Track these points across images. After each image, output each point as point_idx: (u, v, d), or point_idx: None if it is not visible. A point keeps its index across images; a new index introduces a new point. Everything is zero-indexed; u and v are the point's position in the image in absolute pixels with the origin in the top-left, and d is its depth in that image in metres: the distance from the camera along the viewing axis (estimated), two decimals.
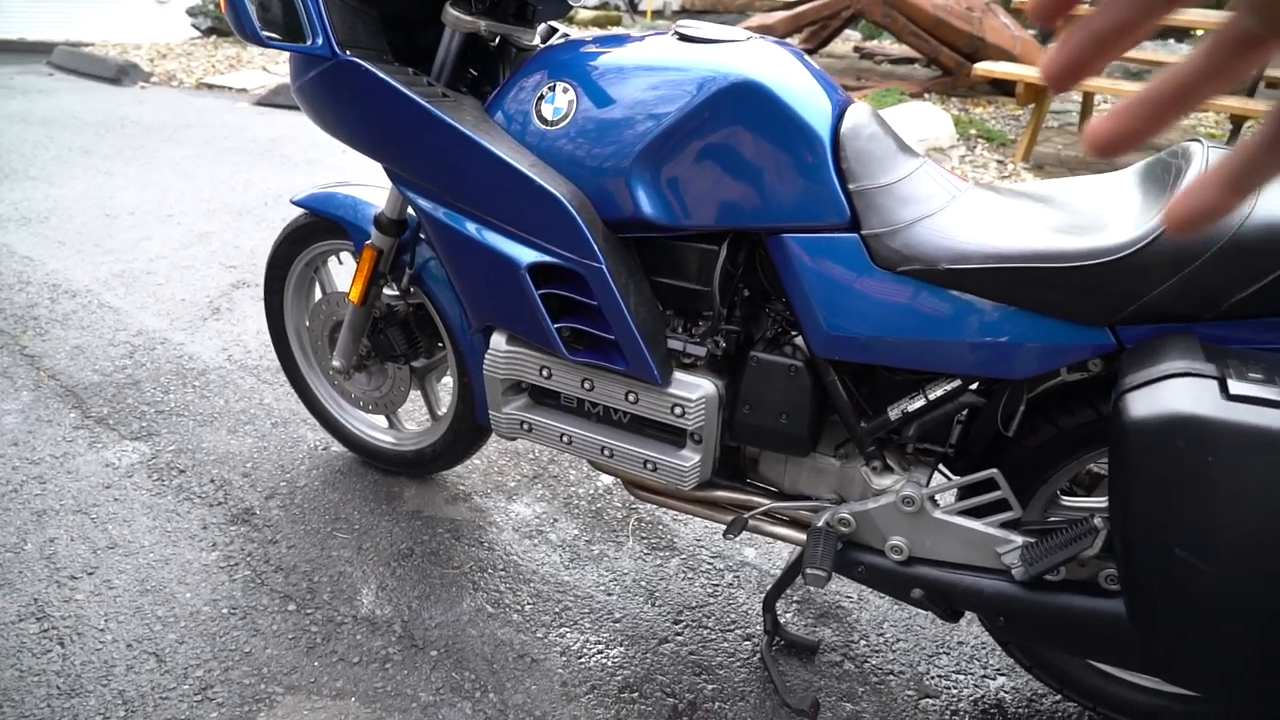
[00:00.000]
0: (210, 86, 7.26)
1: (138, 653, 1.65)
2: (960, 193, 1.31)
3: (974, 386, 1.30)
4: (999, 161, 5.10)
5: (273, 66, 7.86)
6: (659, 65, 1.33)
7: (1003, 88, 6.78)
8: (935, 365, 1.26)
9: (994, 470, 1.27)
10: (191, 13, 10.48)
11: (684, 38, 1.37)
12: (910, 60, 7.99)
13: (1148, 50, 6.85)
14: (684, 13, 12.34)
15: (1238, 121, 5.11)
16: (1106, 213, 1.20)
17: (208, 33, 10.09)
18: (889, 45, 8.85)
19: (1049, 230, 1.19)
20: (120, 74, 7.43)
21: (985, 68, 5.14)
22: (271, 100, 6.51)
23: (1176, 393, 0.95)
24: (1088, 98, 5.97)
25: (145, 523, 1.99)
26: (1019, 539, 1.29)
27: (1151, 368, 1.00)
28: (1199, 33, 8.63)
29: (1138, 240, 1.08)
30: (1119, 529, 1.05)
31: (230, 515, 2.02)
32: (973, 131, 5.57)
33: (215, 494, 2.09)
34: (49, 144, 5.19)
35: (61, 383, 2.56)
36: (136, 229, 3.82)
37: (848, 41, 9.66)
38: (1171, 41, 8.81)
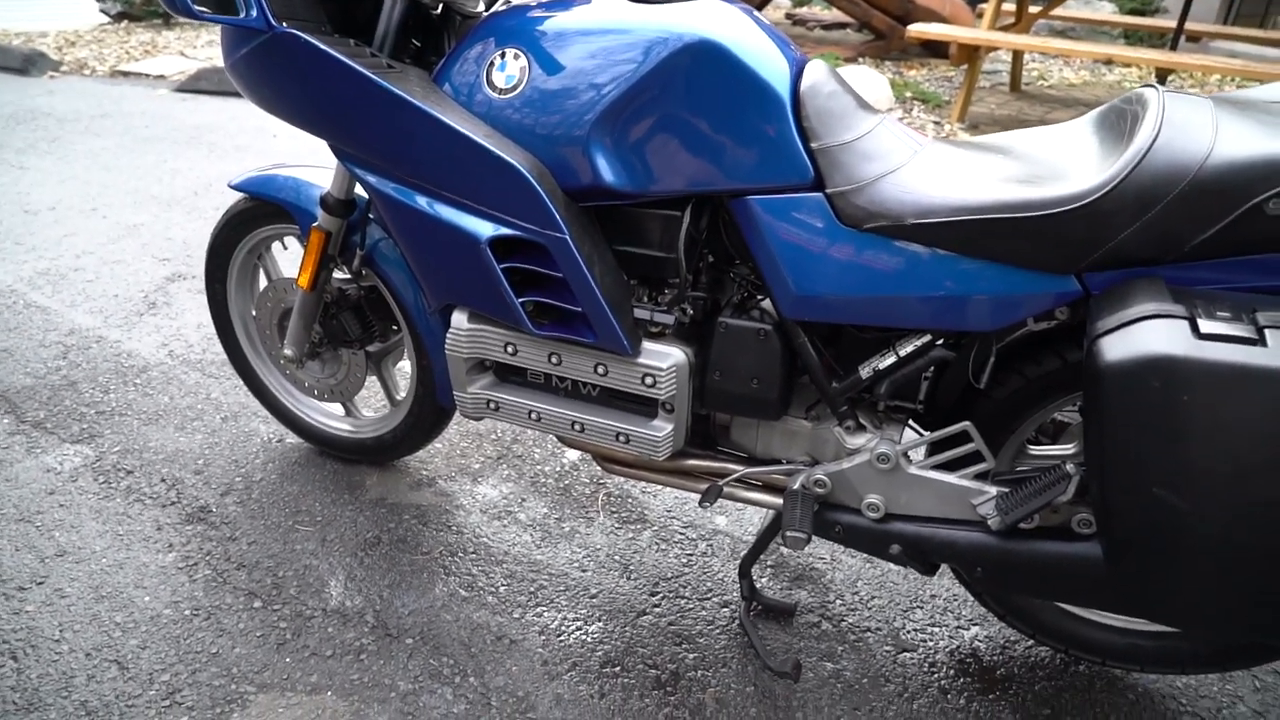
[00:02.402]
0: (125, 74, 6.94)
1: (98, 661, 1.58)
2: (921, 147, 1.31)
3: (942, 341, 1.31)
4: (935, 123, 5.16)
5: (191, 51, 7.56)
6: (613, 27, 1.29)
7: (934, 50, 6.85)
8: (905, 322, 1.27)
9: (967, 423, 1.29)
10: None
11: None
12: (842, 25, 8.03)
13: (1072, 8, 6.99)
14: None
15: (1162, 74, 5.24)
16: (1066, 161, 1.21)
17: (118, 18, 9.64)
18: (820, 11, 8.87)
19: (1011, 181, 1.19)
20: (27, 63, 7.05)
21: (919, 29, 5.18)
22: (193, 86, 6.25)
23: (1149, 334, 0.97)
24: (1017, 56, 6.08)
25: (95, 527, 1.91)
26: (993, 489, 1.31)
27: (1122, 311, 1.01)
28: None
29: (1100, 187, 1.08)
30: (1096, 472, 1.06)
31: (185, 514, 1.95)
32: (908, 94, 5.62)
33: (167, 494, 2.02)
34: None
35: None
36: (59, 225, 3.64)
37: (779, 9, 9.66)
38: (1095, 0, 9.00)
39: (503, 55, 1.35)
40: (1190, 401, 0.94)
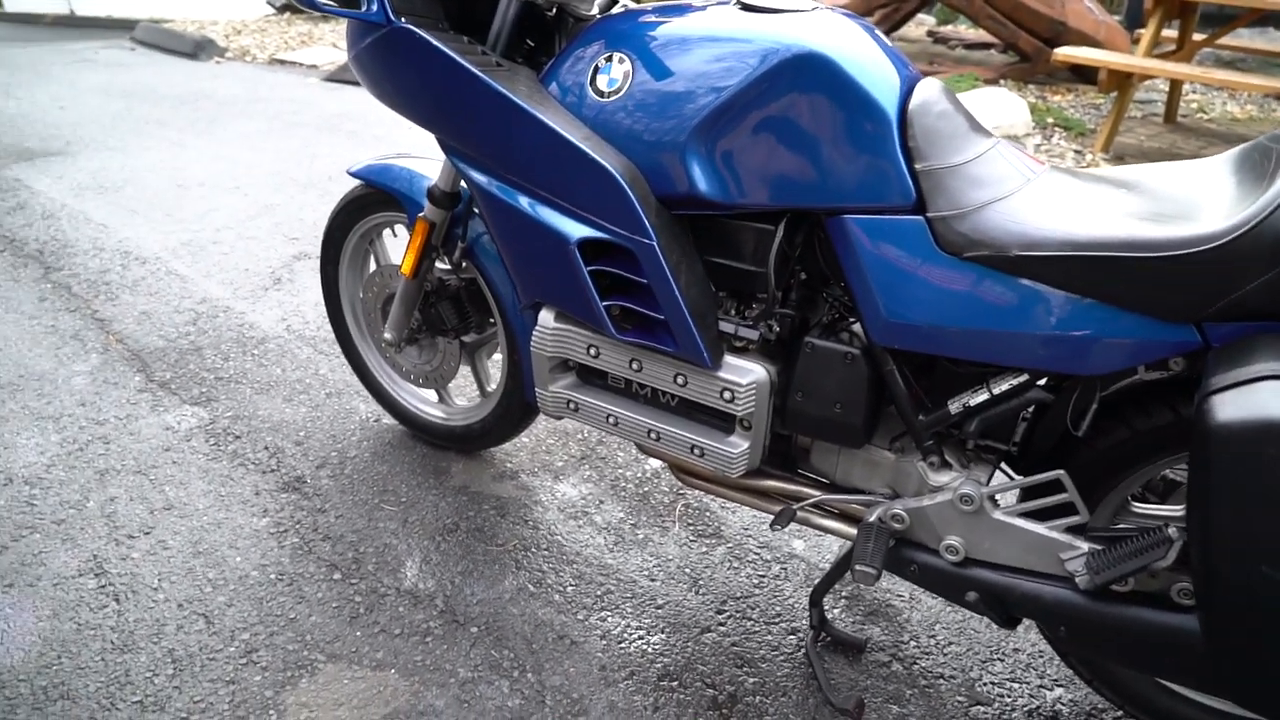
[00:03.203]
0: (282, 62, 7.38)
1: (188, 613, 1.67)
2: (1035, 175, 1.23)
3: (1042, 382, 1.23)
4: (1076, 151, 4.90)
5: (342, 43, 7.96)
6: (719, 35, 1.28)
7: (1084, 75, 6.51)
8: (1001, 358, 1.20)
9: (1060, 471, 1.20)
10: None
11: (746, 7, 1.31)
12: (986, 45, 7.73)
13: (1243, 37, 6.52)
14: None
15: None
16: (1196, 200, 1.12)
17: (281, 9, 10.26)
18: (964, 30, 8.57)
19: (1132, 217, 1.11)
20: (197, 49, 7.60)
21: (1066, 53, 4.93)
22: (340, 76, 6.59)
23: (1269, 397, 0.88)
24: (1175, 86, 5.70)
25: (200, 486, 2.02)
26: (1085, 545, 1.22)
27: (1242, 369, 0.92)
28: None
29: (1232, 230, 0.99)
30: (1197, 541, 0.97)
31: (282, 483, 2.04)
32: (1050, 120, 5.36)
33: (268, 461, 2.12)
34: (127, 116, 5.33)
35: (128, 346, 2.62)
36: (205, 200, 3.89)
37: (921, 25, 9.39)
38: (1271, 29, 8.37)
39: (608, 59, 1.35)
40: None
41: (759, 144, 1.25)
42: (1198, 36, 5.49)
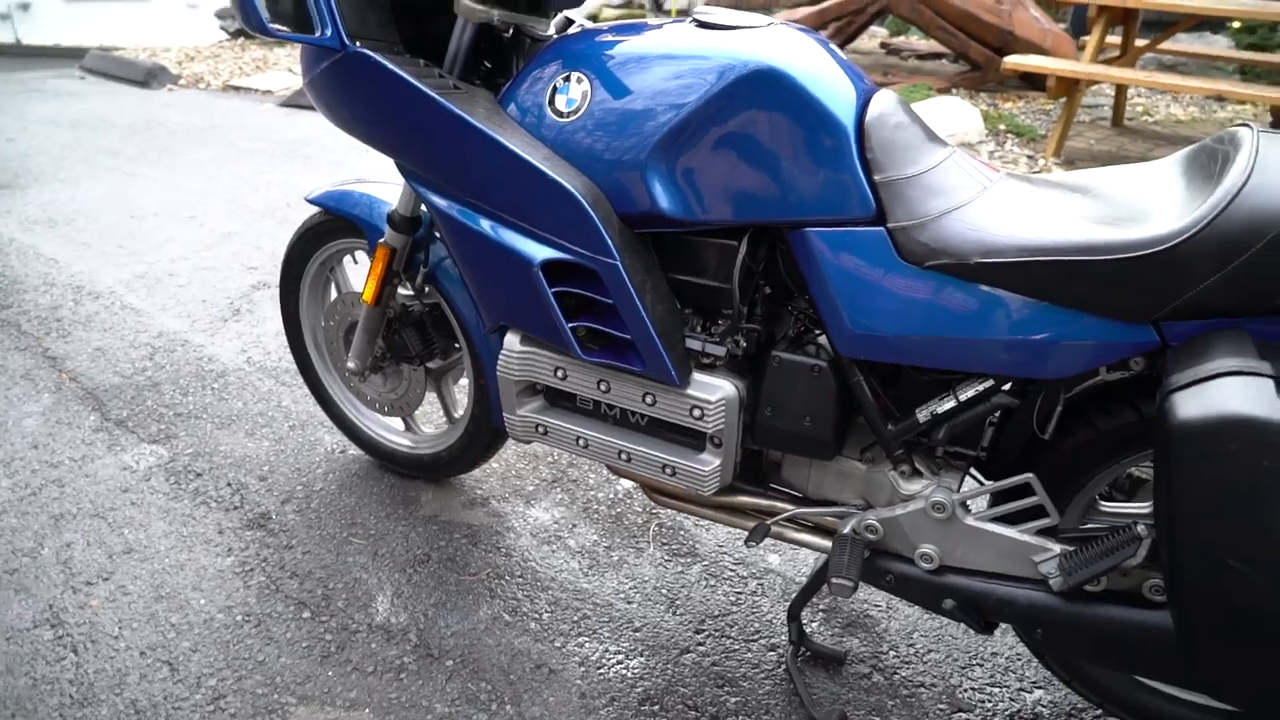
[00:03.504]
0: (236, 88, 7.31)
1: (151, 661, 1.62)
2: (991, 183, 1.25)
3: (1007, 387, 1.24)
4: (1029, 157, 4.99)
5: (297, 68, 7.89)
6: (676, 53, 1.28)
7: (1033, 82, 6.64)
8: (966, 365, 1.20)
9: (1030, 475, 1.21)
10: (220, 15, 10.57)
11: (702, 24, 1.31)
12: (938, 55, 7.87)
13: (1182, 42, 6.70)
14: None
15: (1278, 112, 4.96)
16: (1149, 202, 1.14)
17: (235, 35, 10.17)
18: (916, 41, 8.72)
19: (1087, 221, 1.12)
20: (149, 77, 7.50)
21: (1015, 61, 5.02)
22: (296, 101, 6.53)
23: (1229, 392, 0.89)
24: (1121, 91, 5.84)
25: (161, 527, 1.97)
26: (1056, 547, 1.22)
27: (1201, 366, 0.93)
28: (1235, 24, 8.43)
29: (1184, 230, 1.01)
30: (1165, 537, 0.98)
31: (246, 520, 2.00)
32: (1002, 127, 5.45)
33: (231, 498, 2.07)
34: (77, 146, 5.24)
35: (83, 385, 2.56)
36: (160, 230, 3.83)
37: (874, 38, 9.54)
38: (1208, 34, 8.61)
39: (566, 79, 1.34)
40: (1271, 468, 0.86)
41: (719, 160, 1.25)
42: (1140, 42, 5.63)
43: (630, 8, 10.86)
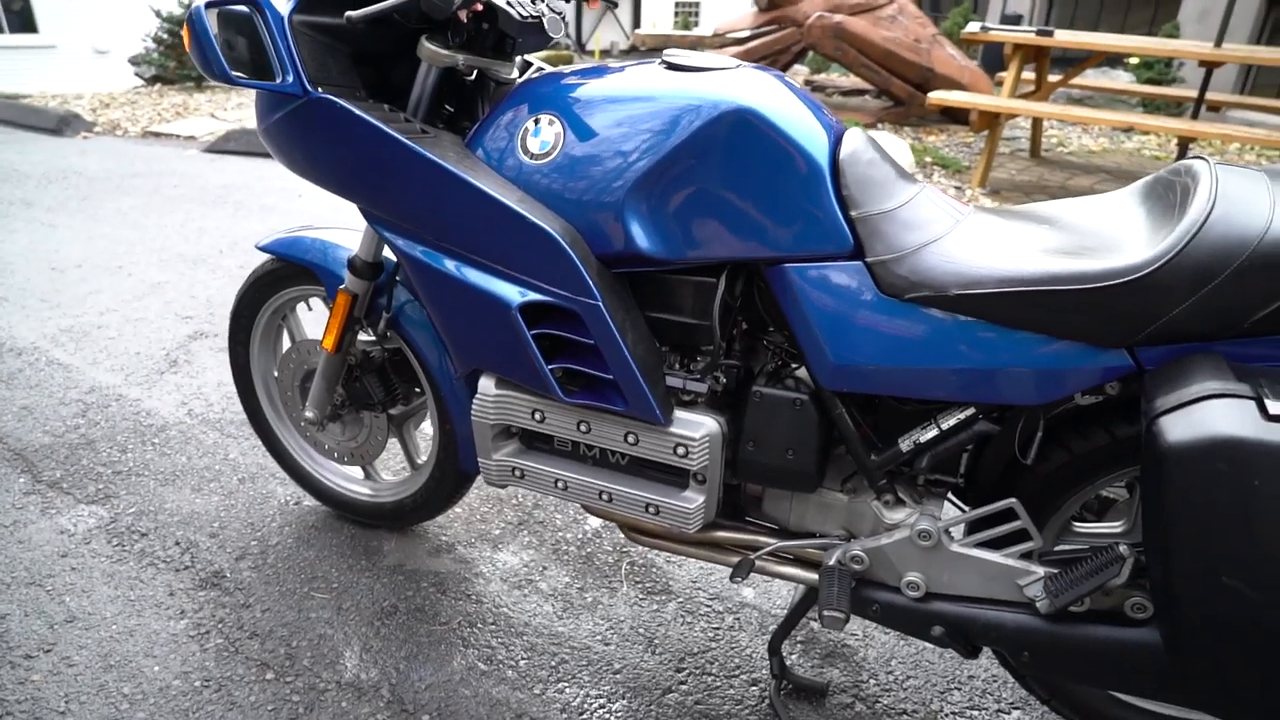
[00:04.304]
0: (157, 135, 7.11)
1: None
2: (964, 217, 1.28)
3: (986, 414, 1.26)
4: (956, 188, 5.18)
5: (221, 113, 7.74)
6: (649, 94, 1.29)
7: (953, 116, 6.92)
8: (948, 394, 1.23)
9: (1013, 500, 1.23)
10: (134, 61, 10.30)
11: (671, 66, 1.33)
12: (861, 91, 8.14)
13: (1089, 77, 7.07)
14: (632, 51, 12.47)
15: (1184, 143, 5.25)
16: (1115, 233, 1.18)
17: (152, 81, 9.93)
18: (838, 78, 9.01)
19: (1059, 253, 1.16)
20: (61, 124, 7.25)
21: (940, 97, 5.23)
22: (221, 147, 6.39)
23: (1214, 415, 0.92)
24: (1037, 124, 6.12)
25: (106, 592, 1.87)
26: (1041, 570, 1.25)
27: (1183, 389, 0.97)
28: (1134, 60, 8.95)
29: (1155, 260, 1.05)
30: (1158, 558, 1.01)
31: (198, 580, 1.91)
32: (928, 159, 5.66)
33: (181, 557, 1.98)
34: None
35: (9, 446, 2.42)
36: (85, 282, 3.67)
37: (797, 75, 9.82)
38: (1109, 69, 9.11)
39: (537, 121, 1.34)
40: (1261, 487, 0.89)
41: (697, 200, 1.26)
42: (1052, 78, 5.92)
43: (555, 48, 10.97)
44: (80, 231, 4.38)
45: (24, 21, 13.58)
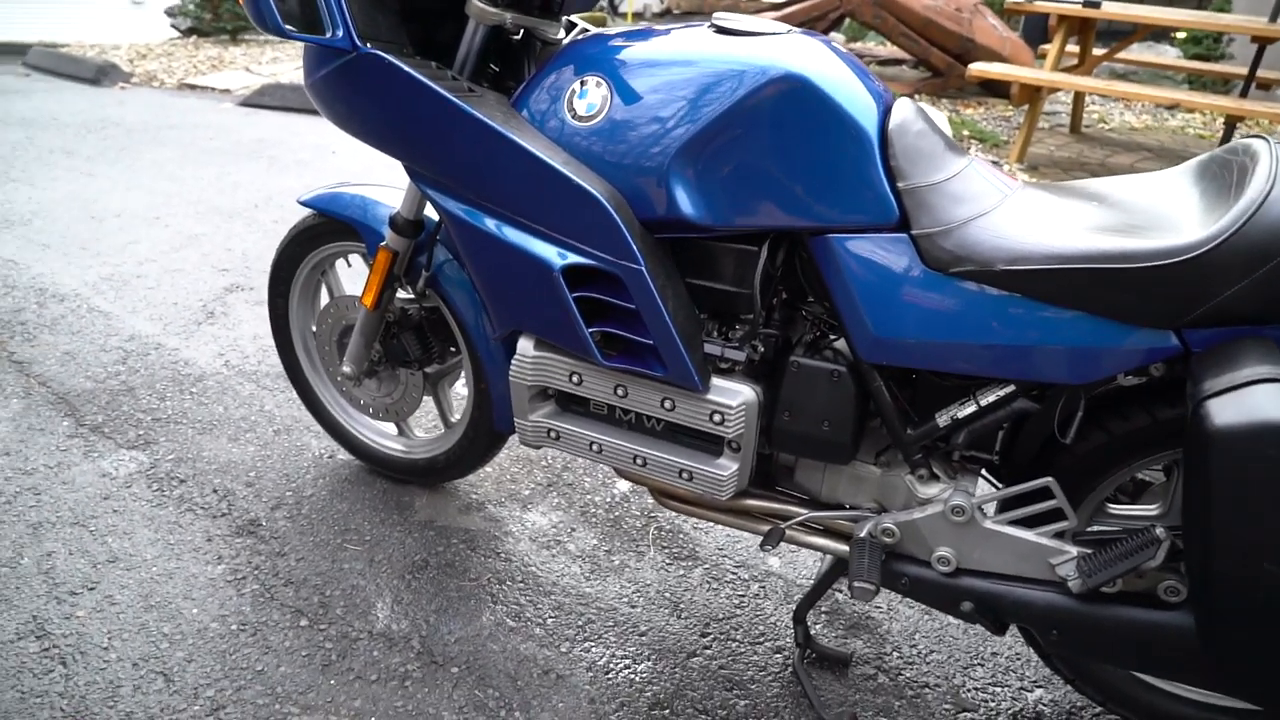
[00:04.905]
0: (192, 87, 7.13)
1: (144, 672, 1.58)
2: (1012, 191, 1.27)
3: (1027, 392, 1.26)
4: (994, 162, 5.09)
5: (256, 67, 7.74)
6: (697, 58, 1.28)
7: (992, 89, 6.79)
8: (989, 370, 1.22)
9: (1050, 479, 1.23)
10: (170, 13, 10.30)
11: (721, 30, 1.32)
12: (899, 61, 8.00)
13: (1134, 51, 6.89)
14: (666, 15, 12.31)
15: (1231, 122, 5.13)
16: (1167, 212, 1.17)
17: (188, 33, 9.93)
18: (876, 47, 8.86)
19: (1109, 230, 1.15)
20: (99, 74, 7.28)
21: (980, 68, 5.13)
22: (256, 101, 6.40)
23: (1265, 399, 0.92)
24: (1078, 99, 5.99)
25: (146, 535, 1.91)
26: (1074, 550, 1.25)
27: (1233, 373, 0.96)
28: (1180, 34, 8.71)
29: (1209, 240, 1.04)
30: (1197, 542, 1.01)
31: (235, 527, 1.95)
32: (965, 132, 5.56)
33: (218, 505, 2.02)
34: (29, 145, 5.06)
35: (53, 390, 2.47)
36: (124, 232, 3.72)
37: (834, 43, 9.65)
38: (1155, 44, 8.88)
39: (584, 83, 1.33)
40: None
41: (743, 167, 1.25)
42: (1097, 52, 5.79)
43: (589, 12, 10.86)
44: (119, 181, 4.42)
45: None
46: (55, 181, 4.37)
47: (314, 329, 2.03)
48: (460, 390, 2.19)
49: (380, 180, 1.88)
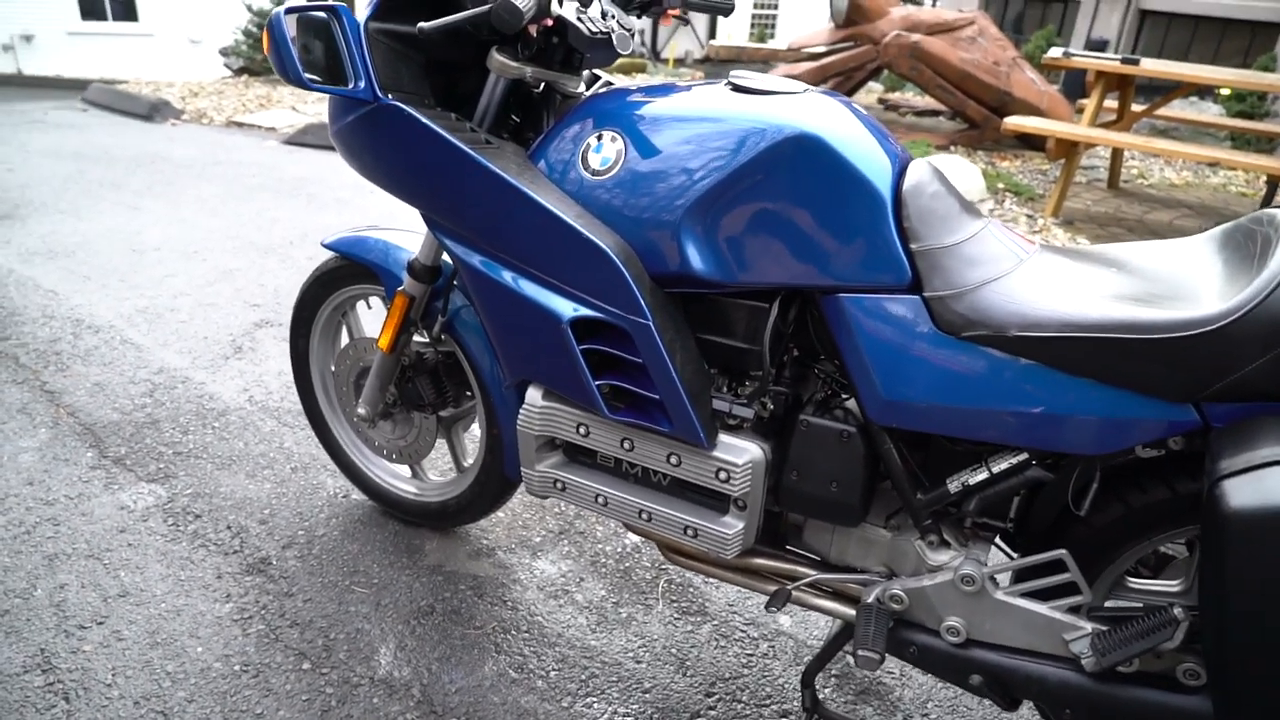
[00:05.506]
0: (240, 125, 7.34)
1: (145, 711, 1.57)
2: (1028, 255, 1.25)
3: (1040, 460, 1.22)
4: (1029, 216, 5.05)
5: (302, 106, 7.96)
6: (713, 115, 1.28)
7: (1029, 142, 6.76)
8: (1000, 437, 1.19)
9: (1063, 551, 1.19)
10: (224, 52, 10.68)
11: (737, 88, 1.32)
12: (935, 113, 8.00)
13: (1175, 107, 6.84)
14: (706, 62, 12.46)
15: (1274, 181, 5.05)
16: (1187, 281, 1.14)
17: (239, 72, 10.27)
18: (913, 98, 8.88)
19: (1127, 299, 1.12)
20: (152, 111, 7.54)
21: (1017, 122, 5.11)
22: (300, 139, 6.56)
23: None
24: (1117, 154, 5.94)
25: (158, 570, 1.92)
26: (1089, 625, 1.20)
27: (1251, 452, 0.93)
28: (1224, 92, 8.63)
29: (1230, 312, 1.01)
30: (1213, 624, 0.96)
31: (246, 565, 1.95)
32: (1001, 185, 5.53)
33: (231, 541, 2.03)
34: (79, 178, 5.23)
35: (80, 420, 2.51)
36: (162, 265, 3.81)
37: (871, 93, 9.71)
38: (1197, 100, 8.81)
39: (599, 137, 1.34)
40: None
41: (755, 224, 1.24)
42: (1136, 108, 5.75)
43: (630, 56, 11.03)
44: (162, 216, 4.54)
45: (126, 9, 14.20)
46: (101, 214, 4.50)
47: (333, 369, 2.05)
48: (475, 434, 2.19)
49: (409, 223, 1.90)
